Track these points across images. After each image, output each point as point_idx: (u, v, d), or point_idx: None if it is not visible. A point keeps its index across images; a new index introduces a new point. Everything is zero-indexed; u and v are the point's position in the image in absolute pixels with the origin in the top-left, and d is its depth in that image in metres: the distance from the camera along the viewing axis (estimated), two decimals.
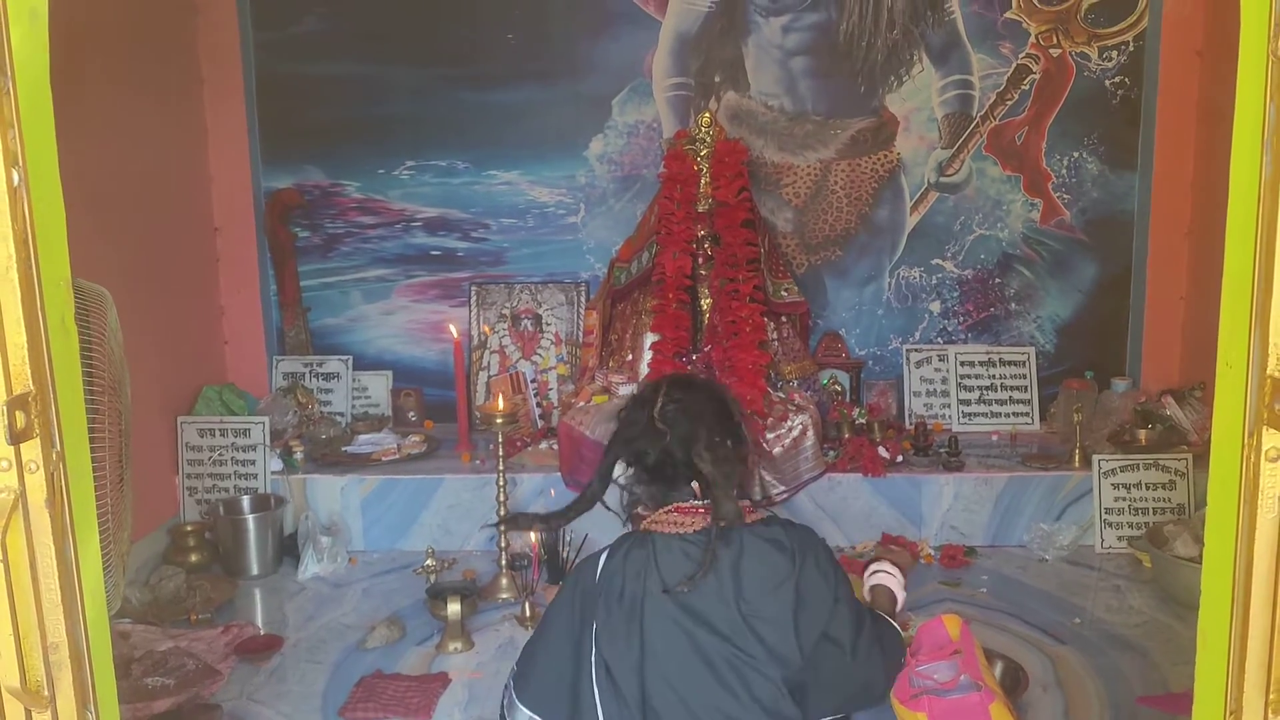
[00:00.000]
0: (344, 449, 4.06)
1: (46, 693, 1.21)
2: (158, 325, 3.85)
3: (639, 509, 2.02)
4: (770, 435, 3.68)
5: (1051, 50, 4.21)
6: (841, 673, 1.97)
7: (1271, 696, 1.21)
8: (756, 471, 2.07)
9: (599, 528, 3.64)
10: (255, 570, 3.69)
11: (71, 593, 1.23)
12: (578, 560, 3.45)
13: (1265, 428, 1.17)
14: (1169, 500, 3.69)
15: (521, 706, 1.98)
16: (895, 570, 2.38)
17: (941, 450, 3.90)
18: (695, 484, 1.95)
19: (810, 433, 3.72)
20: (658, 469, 1.97)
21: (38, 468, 1.18)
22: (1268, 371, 1.15)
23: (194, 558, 3.72)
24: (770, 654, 1.87)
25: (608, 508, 2.06)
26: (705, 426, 1.97)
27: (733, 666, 1.86)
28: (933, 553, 3.72)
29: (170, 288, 4.01)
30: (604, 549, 1.98)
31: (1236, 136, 1.20)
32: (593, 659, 1.91)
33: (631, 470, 2.01)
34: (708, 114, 3.99)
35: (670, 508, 1.96)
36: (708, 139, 3.94)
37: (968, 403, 4.31)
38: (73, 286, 1.99)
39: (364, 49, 4.30)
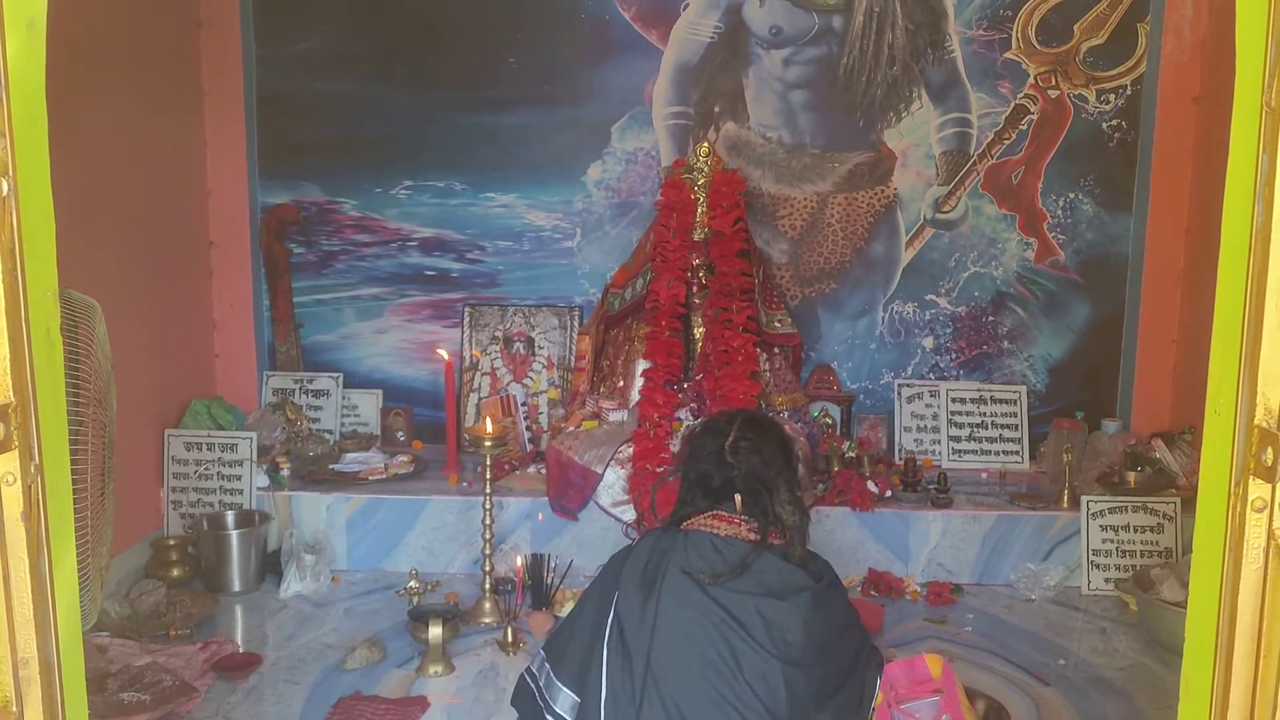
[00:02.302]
0: (331, 467, 4.04)
1: (14, 708, 1.20)
2: (149, 337, 3.84)
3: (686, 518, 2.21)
4: None
5: (1050, 91, 4.24)
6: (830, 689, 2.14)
7: None
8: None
9: (585, 553, 3.66)
10: (237, 586, 3.66)
11: (44, 607, 1.21)
12: (561, 585, 3.47)
13: (1251, 477, 1.16)
14: (1157, 543, 3.69)
15: (562, 686, 2.16)
16: None
17: (930, 486, 3.89)
18: (738, 497, 2.16)
19: (799, 465, 3.70)
20: (716, 491, 2.18)
21: (15, 480, 1.17)
22: (1255, 422, 1.15)
23: (176, 572, 3.69)
24: (774, 645, 2.02)
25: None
26: (777, 471, 2.20)
27: (732, 647, 2.01)
28: (919, 589, 3.70)
29: (163, 299, 4.01)
30: (640, 537, 2.24)
31: (1229, 186, 1.20)
32: (609, 621, 2.09)
33: (688, 485, 2.24)
34: (706, 144, 4.01)
35: (711, 514, 2.17)
36: (705, 168, 3.96)
37: (958, 439, 4.30)
38: (63, 297, 1.99)
39: (366, 68, 4.32)
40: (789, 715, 2.02)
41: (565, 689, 2.14)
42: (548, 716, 2.15)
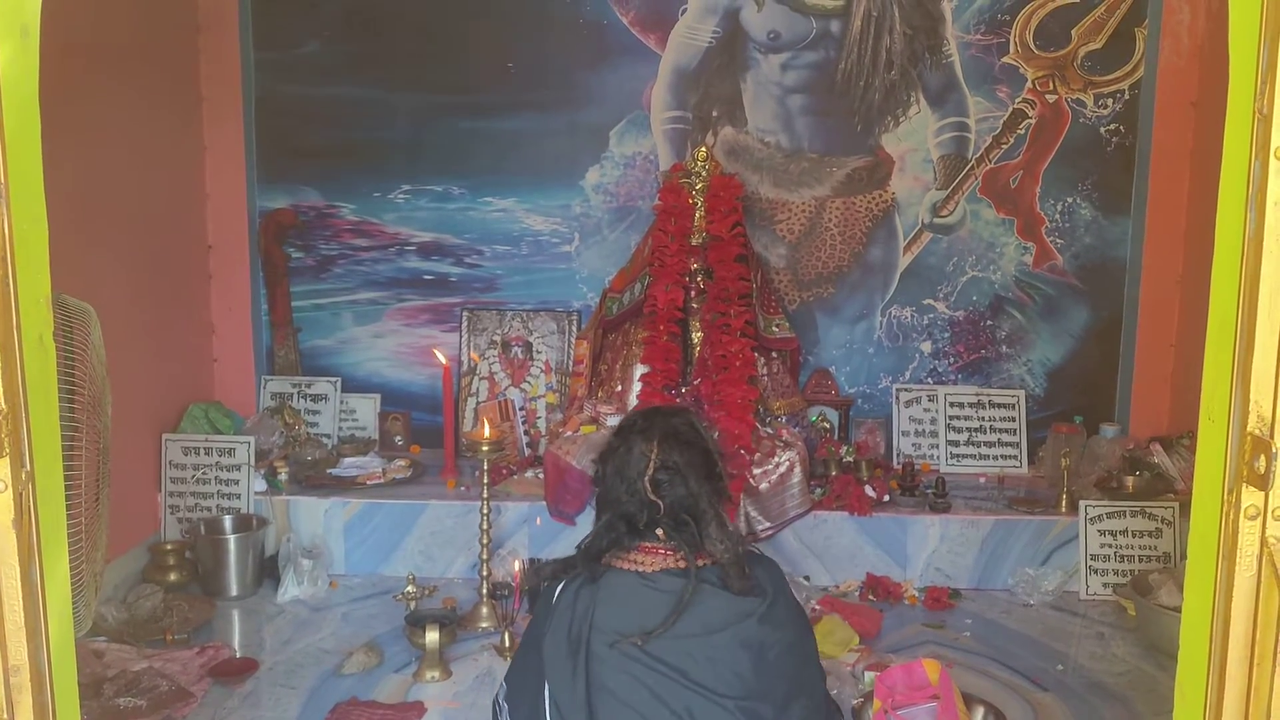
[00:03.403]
0: (329, 471, 4.04)
1: (5, 715, 1.19)
2: (147, 341, 3.84)
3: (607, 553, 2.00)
4: (757, 471, 3.66)
5: (1048, 96, 4.24)
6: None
7: None
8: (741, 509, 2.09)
9: None
10: (234, 591, 3.65)
11: (35, 615, 1.21)
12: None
13: (1245, 485, 1.16)
14: (1155, 548, 3.68)
15: None
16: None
17: (928, 491, 3.89)
18: (660, 530, 1.95)
19: (797, 469, 3.70)
20: (640, 531, 1.97)
21: (5, 487, 1.17)
22: (1248, 429, 1.15)
23: (173, 576, 3.69)
24: (727, 686, 1.88)
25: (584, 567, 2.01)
26: (706, 502, 1.97)
27: (685, 704, 1.86)
28: (917, 594, 3.70)
29: (161, 304, 4.01)
30: (561, 580, 2.00)
31: (1222, 193, 1.20)
32: (545, 691, 1.93)
33: (605, 519, 2.01)
34: (704, 148, 4.00)
35: (636, 546, 1.97)
36: (704, 173, 3.95)
37: (956, 444, 4.30)
38: (58, 302, 1.99)
39: (364, 73, 4.32)
40: None
41: None
42: None
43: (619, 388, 4.05)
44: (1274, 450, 1.13)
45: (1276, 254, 1.13)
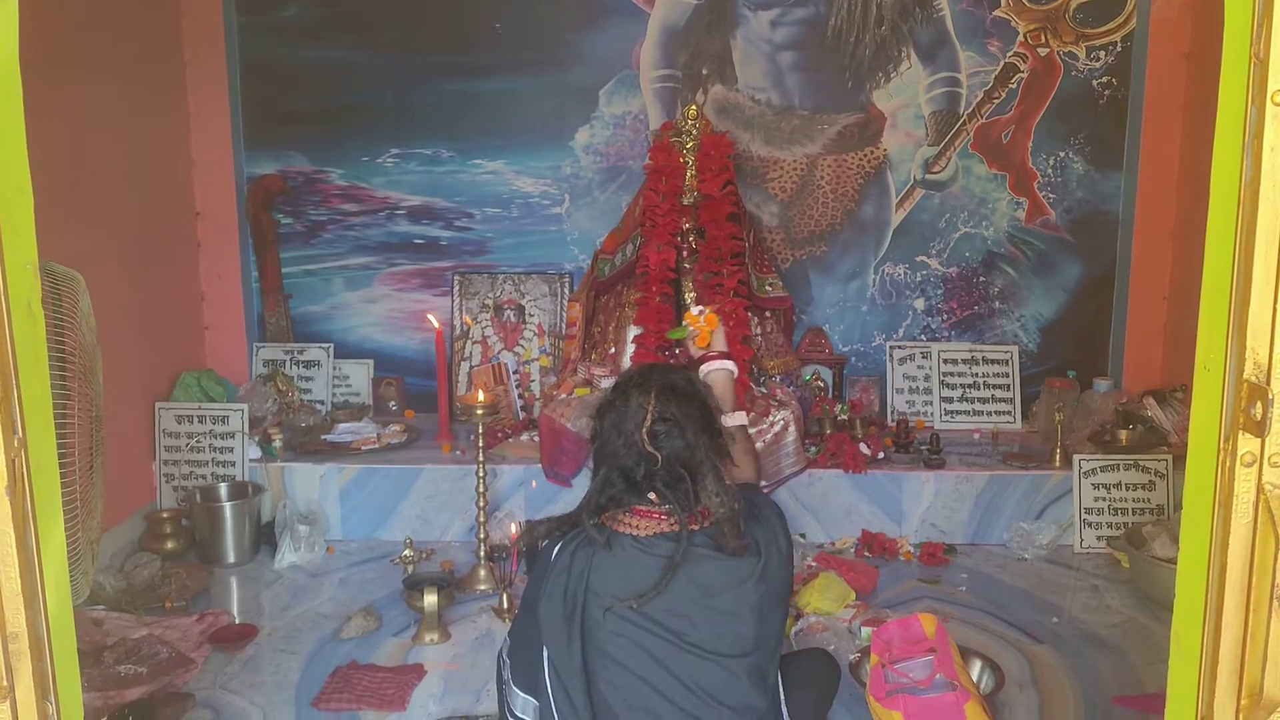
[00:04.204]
0: (323, 437, 4.03)
1: (5, 682, 1.19)
2: (137, 310, 3.82)
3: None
4: (752, 430, 3.66)
5: (1039, 49, 4.21)
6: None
7: (1243, 702, 1.21)
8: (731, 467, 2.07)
9: None
10: (232, 558, 3.66)
11: (32, 582, 1.21)
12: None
13: (1241, 432, 1.16)
14: (1148, 501, 3.70)
15: (516, 689, 2.05)
16: (732, 365, 2.52)
17: (923, 448, 3.90)
18: (653, 494, 1.94)
19: (792, 428, 3.71)
20: (638, 484, 1.95)
21: None
22: (1244, 376, 1.15)
23: (170, 545, 3.70)
24: (727, 645, 1.89)
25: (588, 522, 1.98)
26: (702, 455, 1.94)
27: (685, 666, 1.88)
28: (912, 550, 3.72)
29: (150, 272, 3.98)
30: (557, 540, 1.98)
31: (1218, 139, 1.19)
32: (544, 654, 1.94)
33: (606, 474, 1.98)
34: (694, 107, 3.97)
35: (630, 509, 1.96)
36: (694, 131, 3.92)
37: (950, 400, 4.31)
38: (45, 270, 1.97)
39: (350, 36, 4.27)
40: (762, 701, 1.94)
41: (521, 693, 2.03)
42: (509, 719, 2.07)
43: (612, 350, 4.04)
44: (1270, 396, 1.12)
45: (1273, 200, 1.12)
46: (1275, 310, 1.13)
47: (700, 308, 2.62)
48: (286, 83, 4.31)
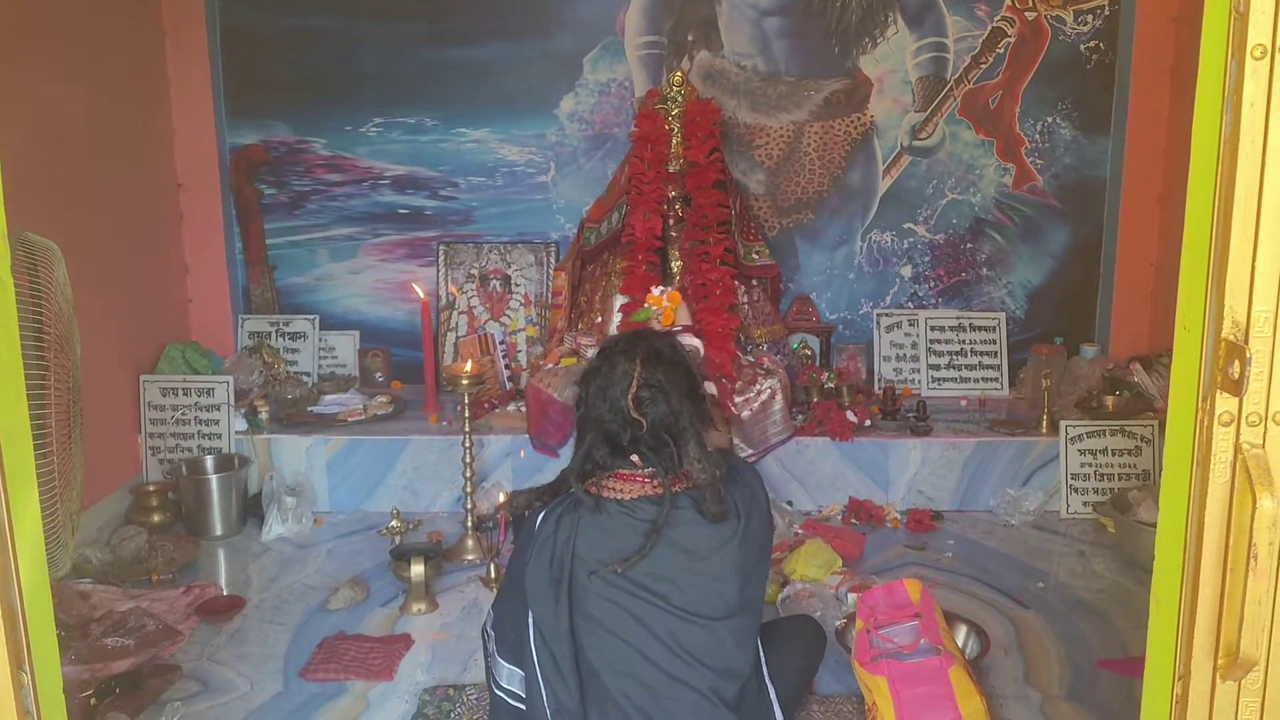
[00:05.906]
0: (310, 409, 4.02)
1: None
2: (120, 283, 3.79)
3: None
4: (739, 399, 3.66)
5: (1027, 13, 4.18)
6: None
7: (1220, 661, 1.21)
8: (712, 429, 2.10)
9: None
10: (219, 531, 3.65)
11: (4, 554, 1.20)
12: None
13: (1219, 391, 1.15)
14: (1134, 466, 3.71)
15: (501, 660, 2.05)
16: (698, 342, 2.64)
17: (910, 415, 3.90)
18: (636, 457, 1.96)
19: (779, 396, 3.70)
20: (623, 448, 1.97)
21: None
22: (1222, 335, 1.14)
23: (156, 518, 3.69)
24: (710, 608, 1.91)
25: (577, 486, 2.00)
26: (686, 421, 1.96)
27: (668, 629, 1.89)
28: (899, 517, 3.72)
29: (132, 245, 3.95)
30: (542, 507, 2.00)
31: (1199, 95, 1.17)
32: (530, 622, 1.94)
33: (589, 439, 2.00)
34: (680, 73, 3.94)
35: (613, 473, 1.97)
36: (679, 98, 3.89)
37: (937, 368, 4.31)
38: (20, 240, 1.95)
39: (330, 1, 4.22)
40: (745, 664, 1.97)
41: (507, 664, 2.04)
42: (495, 690, 2.08)
43: (599, 319, 4.03)
44: (1248, 355, 1.12)
45: (1251, 156, 1.11)
46: (1253, 269, 1.12)
47: (660, 288, 2.64)
48: (267, 51, 4.26)
